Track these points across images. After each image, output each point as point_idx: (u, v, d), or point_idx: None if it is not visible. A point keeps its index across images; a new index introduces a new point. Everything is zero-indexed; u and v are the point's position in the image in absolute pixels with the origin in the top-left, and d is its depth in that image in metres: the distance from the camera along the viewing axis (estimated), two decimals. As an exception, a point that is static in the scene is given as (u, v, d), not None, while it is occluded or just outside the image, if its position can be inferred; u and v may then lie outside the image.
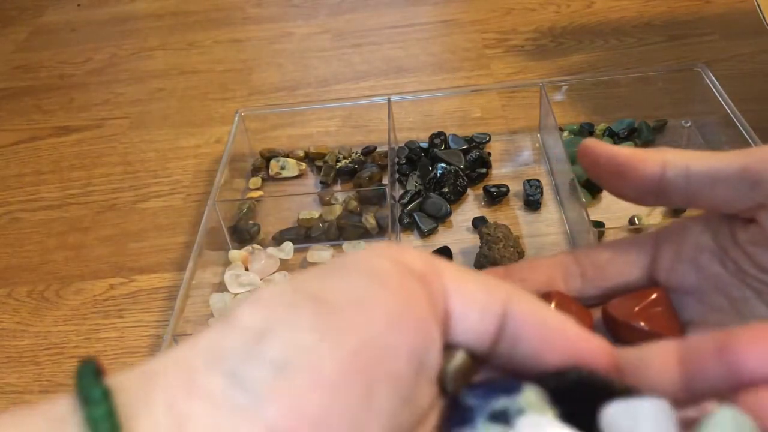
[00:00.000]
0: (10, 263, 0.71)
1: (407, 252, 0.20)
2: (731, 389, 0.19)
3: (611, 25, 0.93)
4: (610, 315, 0.29)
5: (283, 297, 0.18)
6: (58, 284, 0.67)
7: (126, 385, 0.17)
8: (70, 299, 0.66)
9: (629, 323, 0.28)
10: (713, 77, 0.67)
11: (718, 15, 0.92)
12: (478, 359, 0.21)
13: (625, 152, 0.27)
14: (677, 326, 0.28)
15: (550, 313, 0.21)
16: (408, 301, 0.19)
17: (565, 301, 0.29)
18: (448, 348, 0.21)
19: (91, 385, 0.17)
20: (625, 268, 0.29)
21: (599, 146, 0.28)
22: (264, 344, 0.17)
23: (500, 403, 0.19)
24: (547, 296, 0.29)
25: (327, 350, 0.17)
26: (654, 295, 0.29)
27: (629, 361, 0.22)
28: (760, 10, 0.66)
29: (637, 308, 0.28)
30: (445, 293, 0.20)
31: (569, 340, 0.21)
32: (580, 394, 0.20)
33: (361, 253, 0.20)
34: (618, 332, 0.29)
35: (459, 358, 0.21)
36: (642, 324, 0.28)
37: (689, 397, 0.20)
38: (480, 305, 0.20)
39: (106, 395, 0.16)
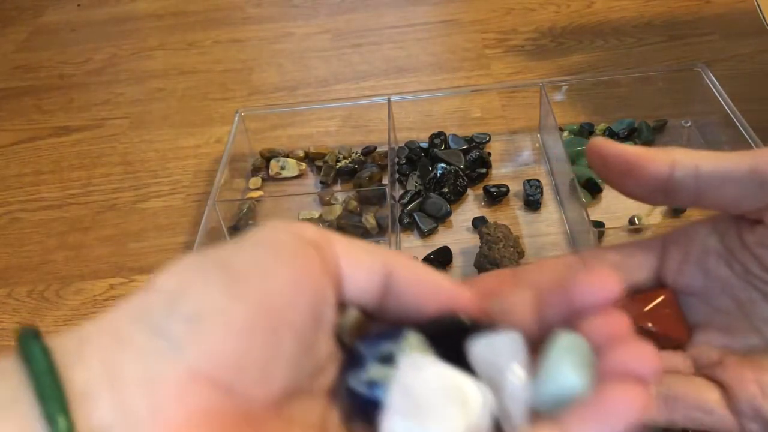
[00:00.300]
0: (10, 263, 0.71)
1: (302, 226, 0.23)
2: (571, 319, 0.22)
3: (611, 25, 0.93)
4: None
5: (194, 265, 0.21)
6: (58, 284, 0.67)
7: (62, 344, 0.19)
8: (70, 299, 0.66)
9: (637, 325, 0.28)
10: (713, 77, 0.67)
11: (718, 15, 0.92)
12: (369, 315, 0.24)
13: (634, 151, 0.27)
14: (685, 328, 0.28)
15: (426, 271, 0.24)
16: (304, 266, 0.22)
17: None
18: (343, 306, 0.24)
19: (32, 345, 0.19)
20: (632, 269, 0.29)
21: (607, 145, 0.28)
22: (179, 303, 0.20)
23: (386, 348, 0.22)
24: None
25: (234, 305, 0.20)
26: (662, 297, 0.29)
27: (496, 309, 0.25)
28: (760, 10, 0.66)
29: (645, 309, 0.28)
30: (336, 259, 0.23)
31: (443, 292, 0.24)
32: (453, 335, 0.23)
33: (263, 228, 0.23)
34: None
35: (352, 314, 0.24)
36: (650, 325, 0.28)
37: (543, 330, 0.23)
38: (366, 268, 0.23)
39: (46, 352, 0.19)
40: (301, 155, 0.76)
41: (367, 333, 0.24)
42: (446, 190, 0.68)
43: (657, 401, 0.26)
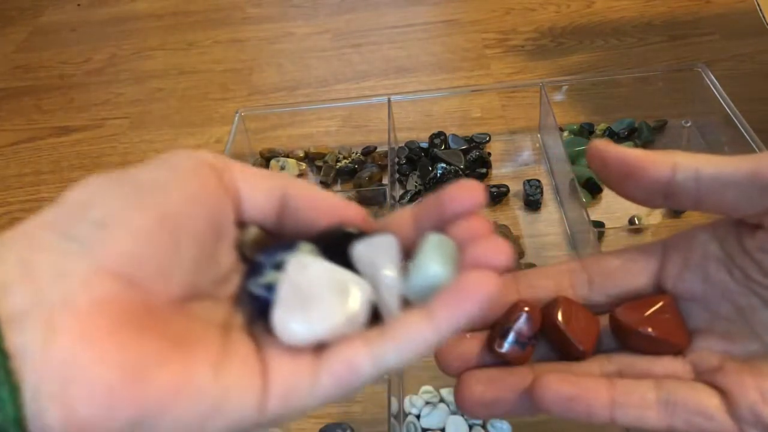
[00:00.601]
0: (10, 263, 0.70)
1: (202, 152, 0.26)
2: (443, 225, 0.25)
3: (611, 25, 0.93)
4: (618, 321, 0.29)
5: (101, 180, 0.23)
6: (58, 284, 0.67)
7: None
8: (70, 299, 0.65)
9: (637, 330, 0.28)
10: (713, 77, 0.66)
11: (719, 15, 0.92)
12: (268, 231, 0.27)
13: (635, 154, 0.27)
14: (684, 333, 0.28)
15: (319, 191, 0.27)
16: (202, 184, 0.24)
17: (571, 307, 0.29)
18: (245, 224, 0.27)
19: None
20: (632, 275, 0.30)
21: (608, 147, 0.28)
22: (87, 211, 0.22)
23: (281, 256, 0.25)
24: (553, 302, 0.29)
25: (137, 213, 0.22)
26: (661, 302, 0.29)
27: (381, 223, 0.27)
28: (760, 10, 0.66)
29: (644, 315, 0.28)
30: (234, 181, 0.26)
31: (333, 208, 0.26)
32: (340, 243, 0.26)
33: (166, 154, 0.25)
34: (626, 338, 0.29)
35: (252, 231, 0.27)
36: (650, 330, 0.28)
37: (420, 236, 0.26)
38: (264, 189, 0.26)
39: None
40: (301, 155, 0.76)
41: (267, 247, 0.26)
42: (446, 190, 0.68)
43: (657, 407, 0.26)
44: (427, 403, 0.51)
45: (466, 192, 0.24)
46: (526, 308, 0.28)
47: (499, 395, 0.27)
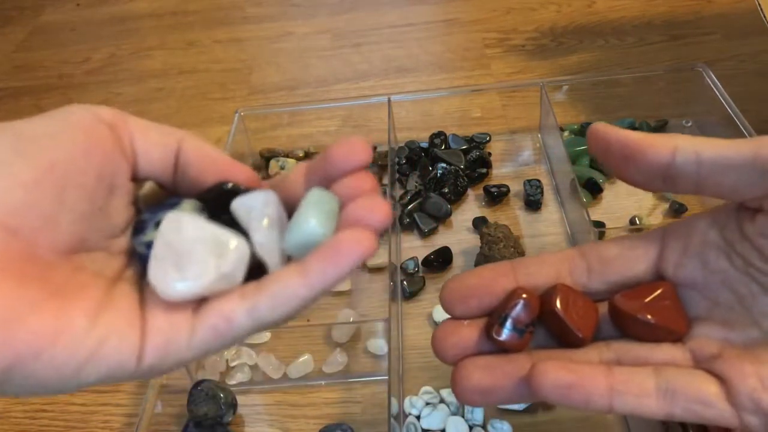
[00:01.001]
0: (9, 263, 0.70)
1: (100, 107, 0.26)
2: (330, 181, 0.26)
3: (612, 24, 0.93)
4: (617, 308, 0.28)
5: None
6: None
7: None
8: (69, 299, 0.65)
9: (636, 316, 0.28)
10: (714, 77, 0.66)
11: (719, 15, 0.92)
12: (164, 187, 0.28)
13: (636, 136, 0.27)
14: (684, 320, 0.28)
15: (210, 149, 0.27)
16: (95, 138, 0.24)
17: (570, 294, 0.29)
18: (141, 180, 0.27)
19: None
20: (631, 262, 0.29)
21: (609, 130, 0.28)
22: None
23: (163, 214, 0.25)
24: (552, 289, 0.29)
25: (23, 163, 0.22)
26: (661, 289, 0.28)
27: (274, 181, 0.28)
28: (761, 9, 0.66)
29: (644, 302, 0.28)
30: (130, 137, 0.26)
31: (221, 164, 0.27)
32: (225, 199, 0.26)
33: (62, 108, 0.25)
34: (625, 325, 0.29)
35: (147, 186, 0.27)
36: (649, 317, 0.28)
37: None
38: (160, 146, 0.27)
39: None
40: (301, 155, 0.76)
41: (155, 204, 0.27)
42: (446, 190, 0.68)
43: (656, 394, 0.25)
44: (427, 403, 0.51)
45: (352, 149, 0.25)
46: (524, 295, 0.28)
47: (496, 382, 0.27)
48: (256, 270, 0.25)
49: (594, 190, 0.66)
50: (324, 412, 0.52)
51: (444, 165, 0.69)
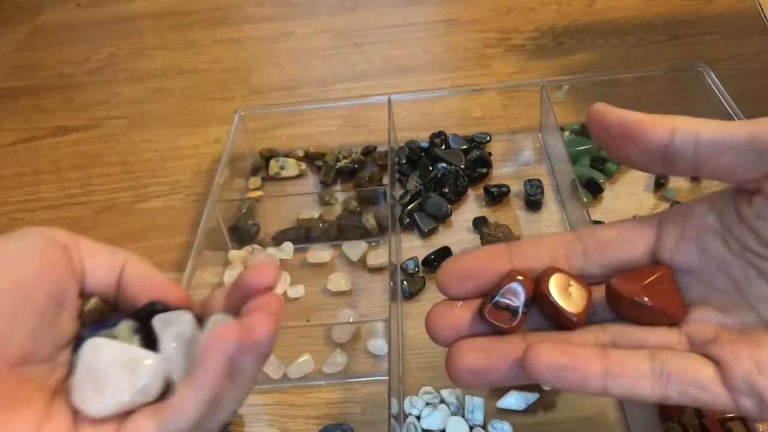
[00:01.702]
0: (9, 263, 0.70)
1: (53, 229, 0.29)
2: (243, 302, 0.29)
3: (612, 24, 0.93)
4: (615, 290, 0.28)
5: None
6: (57, 284, 0.67)
7: None
8: (68, 300, 0.65)
9: (633, 299, 0.28)
10: (714, 77, 0.66)
11: (720, 14, 0.92)
12: (110, 302, 0.30)
13: (635, 116, 0.27)
14: (681, 305, 0.28)
15: (150, 270, 0.30)
16: (50, 260, 0.27)
17: (563, 277, 0.28)
18: (88, 296, 0.30)
19: None
20: (628, 246, 0.29)
21: (609, 110, 0.28)
22: None
23: (102, 333, 0.29)
24: (545, 272, 0.29)
25: None
26: (659, 273, 0.28)
27: (202, 300, 0.31)
28: (762, 9, 0.66)
29: (641, 284, 0.28)
30: (81, 257, 0.29)
31: (156, 285, 0.30)
32: (150, 318, 0.29)
33: (20, 230, 0.28)
34: (621, 308, 0.29)
35: (92, 302, 0.30)
36: (646, 300, 0.28)
37: (231, 311, 0.29)
38: (106, 265, 0.30)
39: None
40: (301, 155, 0.76)
41: (95, 321, 0.30)
42: (447, 190, 0.68)
43: (650, 377, 0.25)
44: (428, 404, 0.51)
45: (261, 273, 0.28)
46: (519, 277, 0.28)
47: (490, 363, 0.27)
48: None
49: (594, 190, 0.66)
50: (324, 412, 0.52)
51: (444, 165, 0.69)
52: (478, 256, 0.29)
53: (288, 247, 0.65)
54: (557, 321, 0.29)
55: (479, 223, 0.64)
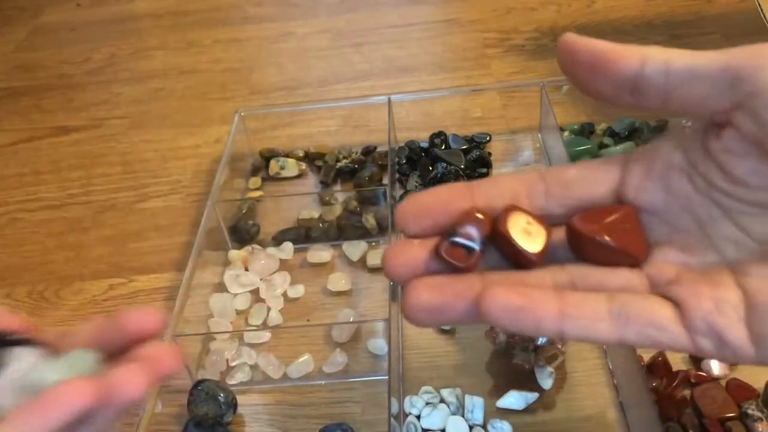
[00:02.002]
0: (10, 263, 0.70)
1: None
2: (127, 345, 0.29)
3: (612, 24, 0.93)
4: (575, 229, 0.28)
5: None
6: (58, 284, 0.67)
7: None
8: (69, 299, 0.65)
9: (594, 238, 0.27)
10: (714, 77, 0.66)
11: (719, 15, 0.92)
12: None
13: (604, 46, 0.26)
14: (644, 245, 0.28)
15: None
16: None
17: (521, 215, 0.28)
18: None
19: None
20: (591, 185, 0.29)
21: (579, 39, 0.27)
22: None
23: None
24: (504, 211, 0.28)
25: None
26: (622, 212, 0.28)
27: (59, 333, 0.31)
28: (761, 9, 0.66)
29: (603, 223, 0.27)
30: None
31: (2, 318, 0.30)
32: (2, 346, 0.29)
33: None
34: (582, 248, 0.28)
35: None
36: (607, 239, 0.27)
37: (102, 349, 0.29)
38: None
39: None
40: (301, 155, 0.76)
41: None
42: (446, 190, 0.68)
43: (608, 319, 0.25)
44: (428, 403, 0.51)
45: (144, 318, 0.28)
46: (477, 215, 0.27)
47: (446, 301, 0.26)
48: None
49: (594, 189, 0.66)
50: (324, 411, 0.52)
51: (444, 165, 0.69)
52: (438, 193, 0.28)
53: (288, 247, 0.65)
54: (515, 260, 0.28)
55: (479, 223, 0.64)
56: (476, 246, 0.27)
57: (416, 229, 0.28)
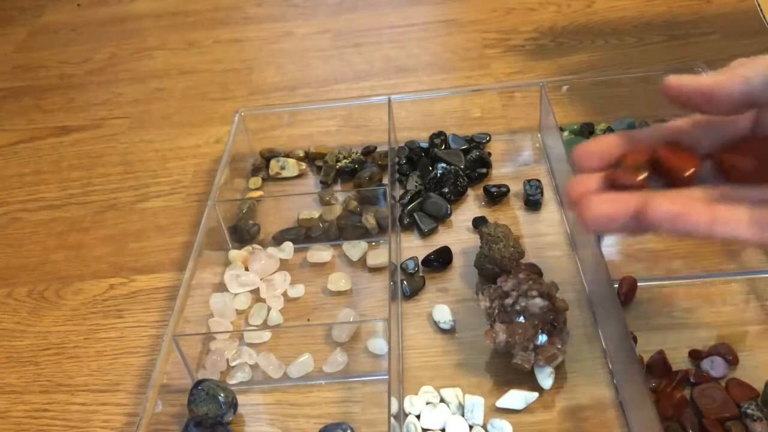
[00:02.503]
0: (10, 263, 0.71)
1: None
2: None
3: (611, 24, 0.93)
4: (723, 160, 0.32)
5: None
6: (58, 284, 0.67)
7: None
8: (70, 299, 0.65)
9: (737, 166, 0.32)
10: (714, 77, 0.66)
11: (719, 14, 0.92)
12: None
13: (706, 80, 0.31)
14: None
15: None
16: None
17: (676, 145, 0.33)
18: None
19: None
20: (733, 126, 0.33)
21: (682, 81, 0.31)
22: None
23: None
24: (662, 145, 0.33)
25: None
26: (759, 143, 0.32)
27: None
28: (761, 9, 0.66)
29: (744, 148, 0.32)
30: None
31: None
32: None
33: None
34: (728, 171, 0.32)
35: None
36: (748, 160, 0.32)
37: None
38: None
39: None
40: (301, 155, 0.76)
41: None
42: (446, 190, 0.68)
43: (751, 224, 0.29)
44: (428, 403, 0.51)
45: None
46: (639, 148, 0.33)
47: (618, 210, 0.31)
48: None
49: (594, 190, 0.66)
50: (324, 411, 0.52)
51: (444, 165, 0.69)
52: (603, 139, 0.34)
53: (288, 247, 0.65)
54: (672, 182, 0.32)
55: (479, 223, 0.64)
56: (639, 170, 0.32)
57: (588, 167, 0.33)
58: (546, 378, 0.51)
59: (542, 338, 0.50)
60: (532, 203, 0.66)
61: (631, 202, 0.31)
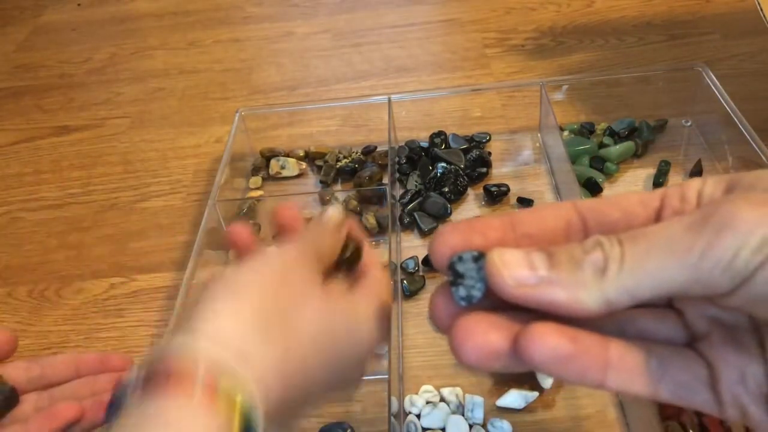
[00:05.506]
0: (10, 263, 0.71)
1: None
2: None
3: (611, 24, 0.93)
4: None
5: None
6: (59, 284, 0.67)
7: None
8: (70, 299, 0.65)
9: None
10: (713, 77, 0.66)
11: (719, 14, 0.92)
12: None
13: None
14: None
15: None
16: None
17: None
18: None
19: None
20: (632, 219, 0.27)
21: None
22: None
23: None
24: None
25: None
26: None
27: None
28: (761, 9, 0.66)
29: None
30: None
31: None
32: None
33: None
34: None
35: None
36: None
37: None
38: None
39: None
40: (302, 155, 0.76)
41: None
42: (446, 189, 0.68)
43: (647, 374, 0.24)
44: (428, 402, 0.51)
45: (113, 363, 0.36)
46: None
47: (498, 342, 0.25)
48: None
49: (594, 189, 0.66)
50: (324, 410, 0.53)
51: (444, 164, 0.69)
52: (484, 224, 0.27)
53: (288, 246, 0.65)
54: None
55: (479, 223, 0.64)
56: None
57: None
58: (546, 377, 0.51)
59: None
60: (532, 203, 0.66)
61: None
